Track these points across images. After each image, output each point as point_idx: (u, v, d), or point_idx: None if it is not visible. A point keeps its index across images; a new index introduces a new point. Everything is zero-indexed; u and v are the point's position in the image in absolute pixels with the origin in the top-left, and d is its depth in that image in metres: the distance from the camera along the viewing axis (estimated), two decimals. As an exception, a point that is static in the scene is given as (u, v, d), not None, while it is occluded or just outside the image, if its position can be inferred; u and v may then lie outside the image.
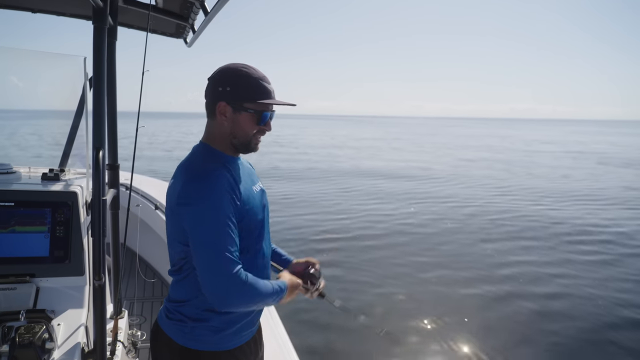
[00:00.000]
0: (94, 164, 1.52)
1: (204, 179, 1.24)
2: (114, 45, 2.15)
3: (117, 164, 2.28)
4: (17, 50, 2.08)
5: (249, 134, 1.33)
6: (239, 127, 1.32)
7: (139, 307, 3.59)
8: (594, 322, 5.01)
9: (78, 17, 2.44)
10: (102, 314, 1.56)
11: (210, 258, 1.18)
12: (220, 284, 1.18)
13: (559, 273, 6.47)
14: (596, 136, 55.73)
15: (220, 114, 1.32)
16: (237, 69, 1.31)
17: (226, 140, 1.35)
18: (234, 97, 1.29)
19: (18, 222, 1.81)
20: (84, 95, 2.15)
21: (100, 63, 1.57)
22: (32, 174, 2.12)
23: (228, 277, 1.17)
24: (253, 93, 1.30)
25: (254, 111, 1.30)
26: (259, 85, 1.30)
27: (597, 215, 10.25)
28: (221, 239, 1.19)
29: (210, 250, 1.18)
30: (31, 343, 1.35)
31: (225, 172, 1.29)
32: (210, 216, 1.20)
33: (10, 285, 1.71)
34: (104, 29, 1.56)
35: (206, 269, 1.19)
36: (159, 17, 2.39)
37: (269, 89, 1.32)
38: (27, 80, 2.28)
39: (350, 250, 7.31)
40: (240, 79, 1.30)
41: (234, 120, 1.32)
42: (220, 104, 1.31)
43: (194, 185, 1.23)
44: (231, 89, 1.29)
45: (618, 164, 22.19)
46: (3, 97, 2.39)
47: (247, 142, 1.35)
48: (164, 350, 1.37)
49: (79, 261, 1.84)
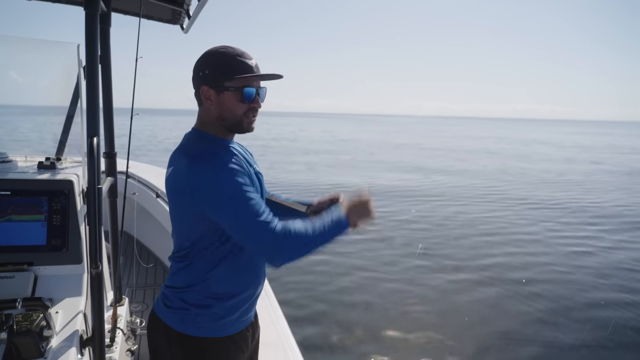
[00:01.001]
0: (89, 152, 1.51)
1: (207, 159, 1.23)
2: (108, 32, 2.12)
3: (114, 152, 2.27)
4: (9, 37, 2.06)
5: (237, 113, 1.30)
6: (225, 107, 1.30)
7: (140, 294, 3.63)
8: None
9: (73, 4, 2.40)
10: (99, 301, 1.57)
11: (249, 220, 1.19)
12: (270, 240, 1.19)
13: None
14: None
15: (206, 98, 1.30)
16: (214, 51, 1.29)
17: (216, 123, 1.33)
18: (213, 78, 1.28)
19: (14, 211, 1.81)
20: (78, 83, 2.13)
21: (93, 50, 1.55)
22: (28, 163, 2.12)
23: (272, 231, 1.18)
24: (231, 70, 1.27)
25: (235, 88, 1.27)
26: (237, 61, 1.27)
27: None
28: (250, 200, 1.19)
29: (246, 213, 1.18)
30: (29, 331, 1.35)
31: (223, 151, 1.28)
32: (231, 183, 1.19)
33: (8, 273, 1.72)
34: (95, 14, 1.54)
35: (248, 231, 1.20)
36: (153, 3, 2.35)
37: (248, 64, 1.28)
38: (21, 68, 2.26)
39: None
40: (217, 59, 1.28)
41: (219, 102, 1.30)
42: (202, 88, 1.29)
43: (199, 166, 1.21)
44: (210, 71, 1.28)
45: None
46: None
47: (237, 122, 1.32)
48: (162, 338, 1.37)
49: (77, 249, 1.85)
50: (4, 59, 2.22)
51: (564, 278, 6.15)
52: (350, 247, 6.94)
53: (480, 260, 6.70)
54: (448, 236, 8.03)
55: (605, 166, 21.13)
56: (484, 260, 6.70)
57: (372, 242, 7.29)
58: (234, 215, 1.20)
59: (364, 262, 6.46)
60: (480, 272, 6.26)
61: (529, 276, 6.15)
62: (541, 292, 5.63)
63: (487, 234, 8.20)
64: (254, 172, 1.36)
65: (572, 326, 4.81)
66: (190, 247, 1.31)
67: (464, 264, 6.58)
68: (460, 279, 6.04)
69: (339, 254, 6.60)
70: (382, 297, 5.42)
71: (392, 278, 5.96)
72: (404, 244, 7.45)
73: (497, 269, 6.37)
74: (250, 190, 1.21)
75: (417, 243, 7.34)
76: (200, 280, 1.32)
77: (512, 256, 6.98)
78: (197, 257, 1.31)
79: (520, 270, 6.36)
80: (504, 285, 5.81)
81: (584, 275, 6.25)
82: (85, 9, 1.53)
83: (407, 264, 6.45)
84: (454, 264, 6.56)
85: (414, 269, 6.29)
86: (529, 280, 6.00)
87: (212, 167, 1.20)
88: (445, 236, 8.02)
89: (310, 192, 11.80)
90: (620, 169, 19.91)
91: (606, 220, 9.52)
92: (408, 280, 5.90)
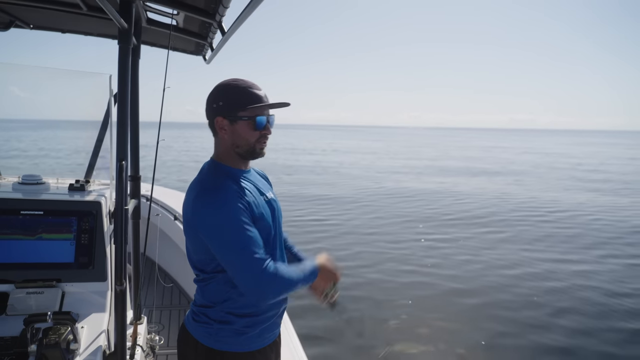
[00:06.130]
0: (117, 175, 1.61)
1: (213, 191, 1.31)
2: (137, 63, 2.27)
3: (138, 175, 2.38)
4: (50, 69, 2.23)
5: (250, 140, 1.39)
6: (239, 136, 1.39)
7: (157, 314, 3.68)
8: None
9: (105, 37, 2.59)
10: (122, 318, 1.64)
11: (237, 261, 1.27)
12: (252, 283, 1.26)
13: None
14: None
15: (220, 128, 1.39)
16: (226, 84, 1.39)
17: (231, 152, 1.42)
18: (227, 109, 1.37)
19: (45, 230, 1.92)
20: (108, 110, 2.27)
21: (125, 80, 1.67)
22: (59, 185, 2.24)
23: (258, 275, 1.25)
24: (244, 101, 1.36)
25: (248, 117, 1.36)
26: (248, 92, 1.37)
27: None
28: (242, 241, 1.26)
29: (235, 254, 1.26)
30: (57, 344, 1.43)
31: (232, 184, 1.36)
32: (226, 223, 1.27)
33: (38, 289, 1.82)
34: (128, 48, 1.67)
35: (236, 271, 1.28)
36: (179, 37, 2.51)
37: (258, 94, 1.37)
38: (59, 96, 2.43)
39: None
40: (230, 91, 1.38)
41: (232, 131, 1.39)
42: (217, 119, 1.39)
43: (205, 198, 1.30)
44: (223, 102, 1.37)
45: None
46: (36, 112, 2.54)
47: (250, 149, 1.41)
48: (190, 351, 1.44)
49: (102, 267, 1.94)
50: (41, 88, 2.40)
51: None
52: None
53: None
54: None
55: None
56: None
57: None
58: (224, 255, 1.29)
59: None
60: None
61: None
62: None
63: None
64: (265, 200, 1.44)
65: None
66: (204, 270, 1.40)
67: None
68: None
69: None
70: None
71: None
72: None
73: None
74: (247, 230, 1.28)
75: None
76: (221, 300, 1.39)
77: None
78: (212, 279, 1.39)
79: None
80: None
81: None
82: (119, 43, 1.66)
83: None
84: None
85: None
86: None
87: (213, 205, 1.29)
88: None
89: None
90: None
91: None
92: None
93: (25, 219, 1.91)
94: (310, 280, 1.41)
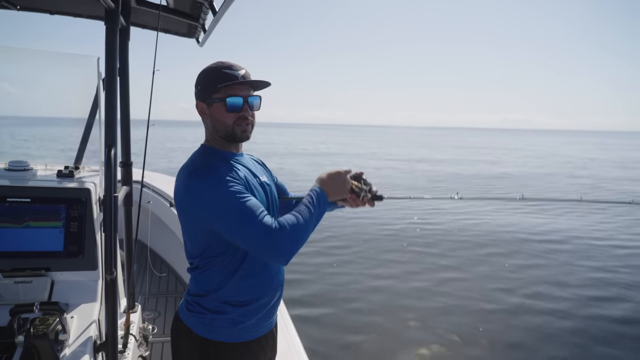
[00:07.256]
0: (106, 162, 1.56)
1: (204, 168, 1.28)
2: (127, 45, 2.19)
3: (129, 161, 2.32)
4: (33, 50, 2.15)
5: (227, 123, 1.33)
6: (216, 119, 1.34)
7: (153, 302, 3.66)
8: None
9: (94, 19, 2.49)
10: (113, 307, 1.60)
11: (245, 227, 1.21)
12: (269, 243, 1.21)
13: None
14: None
15: (201, 113, 1.37)
16: (206, 68, 1.35)
17: (215, 136, 1.38)
18: (203, 92, 1.34)
19: (32, 218, 1.86)
20: (97, 94, 2.19)
21: (112, 63, 1.60)
22: (47, 171, 2.18)
23: (270, 233, 1.20)
24: (215, 82, 1.31)
25: (219, 99, 1.31)
26: (221, 73, 1.31)
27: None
28: (244, 206, 1.22)
29: (240, 221, 1.21)
30: (45, 334, 1.39)
31: (222, 163, 1.32)
32: (224, 193, 1.23)
33: (26, 278, 1.77)
34: (115, 29, 1.60)
35: (247, 238, 1.23)
36: (170, 17, 2.43)
37: (231, 74, 1.31)
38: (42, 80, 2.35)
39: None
40: (206, 74, 1.34)
41: (210, 114, 1.35)
42: (197, 104, 1.36)
43: (197, 175, 1.27)
44: (201, 86, 1.34)
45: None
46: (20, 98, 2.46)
47: (229, 132, 1.35)
48: (184, 340, 1.41)
49: (92, 256, 1.89)
50: (27, 71, 2.31)
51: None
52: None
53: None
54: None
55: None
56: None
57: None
58: (230, 224, 1.24)
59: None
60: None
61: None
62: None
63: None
64: (258, 183, 1.40)
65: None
66: (200, 257, 1.35)
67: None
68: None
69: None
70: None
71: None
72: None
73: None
74: (244, 198, 1.24)
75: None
76: (215, 288, 1.36)
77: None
78: (208, 266, 1.35)
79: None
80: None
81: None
82: (106, 24, 1.59)
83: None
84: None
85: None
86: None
87: (206, 181, 1.24)
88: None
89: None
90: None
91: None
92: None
93: (12, 207, 1.85)
94: (322, 203, 1.33)
